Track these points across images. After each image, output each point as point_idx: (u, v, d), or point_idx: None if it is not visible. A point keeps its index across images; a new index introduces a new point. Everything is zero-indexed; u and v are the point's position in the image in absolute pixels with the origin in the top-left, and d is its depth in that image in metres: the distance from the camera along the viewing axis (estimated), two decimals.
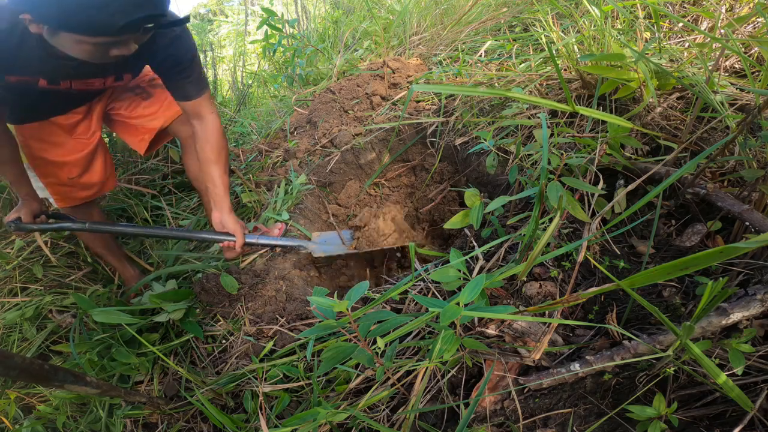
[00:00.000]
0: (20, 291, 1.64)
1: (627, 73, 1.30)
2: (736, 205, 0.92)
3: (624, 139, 1.22)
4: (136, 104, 1.58)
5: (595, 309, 1.13)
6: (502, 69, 1.69)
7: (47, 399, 1.38)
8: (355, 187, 1.91)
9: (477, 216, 1.10)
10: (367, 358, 0.89)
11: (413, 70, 2.02)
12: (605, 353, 0.99)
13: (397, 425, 0.98)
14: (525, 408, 0.99)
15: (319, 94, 2.16)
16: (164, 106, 1.58)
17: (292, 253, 1.65)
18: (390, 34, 2.33)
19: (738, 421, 0.83)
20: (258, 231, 1.68)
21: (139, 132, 1.61)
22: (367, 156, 1.91)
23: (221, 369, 1.39)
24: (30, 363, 0.78)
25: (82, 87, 1.28)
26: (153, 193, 2.04)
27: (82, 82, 1.26)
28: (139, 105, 1.58)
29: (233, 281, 1.51)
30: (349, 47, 2.39)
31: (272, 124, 2.24)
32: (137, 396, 1.15)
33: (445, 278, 1.14)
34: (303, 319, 1.40)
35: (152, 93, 1.59)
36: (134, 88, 1.59)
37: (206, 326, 1.50)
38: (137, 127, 1.60)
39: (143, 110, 1.58)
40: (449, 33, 2.11)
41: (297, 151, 2.00)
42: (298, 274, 1.58)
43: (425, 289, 1.30)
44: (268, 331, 1.40)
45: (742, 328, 0.93)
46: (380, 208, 1.73)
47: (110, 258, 1.72)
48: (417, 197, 1.88)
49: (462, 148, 1.67)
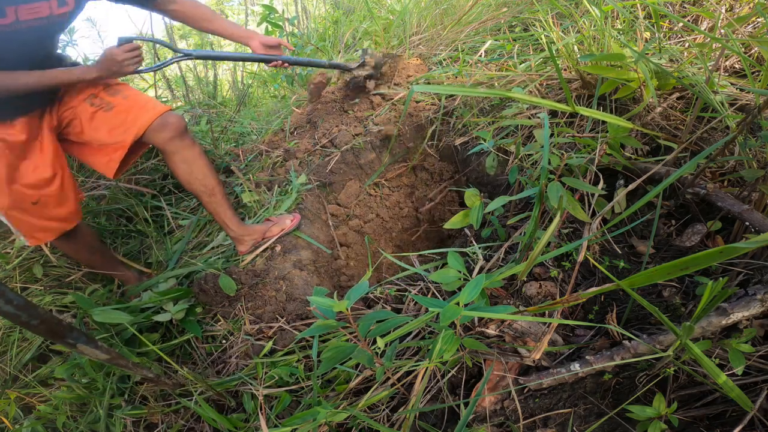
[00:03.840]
0: (20, 291, 1.64)
1: (627, 73, 1.31)
2: (736, 205, 0.92)
3: (624, 139, 1.22)
4: (97, 119, 1.36)
5: (595, 309, 1.13)
6: (502, 69, 1.69)
7: (47, 399, 1.38)
8: (355, 187, 1.91)
9: (477, 216, 1.10)
10: (367, 358, 0.89)
11: (413, 70, 2.02)
12: (605, 353, 0.99)
13: (397, 425, 0.98)
14: (525, 408, 0.99)
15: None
16: (132, 114, 1.35)
17: (292, 253, 1.65)
18: (390, 34, 2.33)
19: (738, 421, 0.83)
20: (270, 222, 1.68)
21: (105, 151, 1.39)
22: (367, 156, 1.91)
23: (221, 369, 1.39)
24: (50, 317, 0.81)
25: (28, 15, 1.12)
26: (153, 193, 2.04)
27: (27, 7, 1.11)
28: (101, 119, 1.36)
29: (231, 282, 1.51)
30: (350, 47, 2.39)
31: (272, 124, 2.24)
32: (144, 370, 1.13)
33: (445, 279, 1.14)
34: (303, 319, 1.40)
35: (113, 103, 1.37)
36: (90, 98, 1.38)
37: (206, 326, 1.50)
38: (102, 146, 1.38)
39: (106, 124, 1.36)
40: (449, 33, 2.11)
41: (297, 151, 2.00)
42: (298, 274, 1.58)
43: (425, 289, 1.30)
44: (267, 331, 1.40)
45: (742, 328, 0.93)
46: None
47: (100, 262, 1.62)
48: (417, 197, 1.88)
49: (462, 148, 1.67)
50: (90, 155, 1.44)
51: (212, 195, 1.50)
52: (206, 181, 1.47)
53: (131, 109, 1.36)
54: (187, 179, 1.46)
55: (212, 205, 1.52)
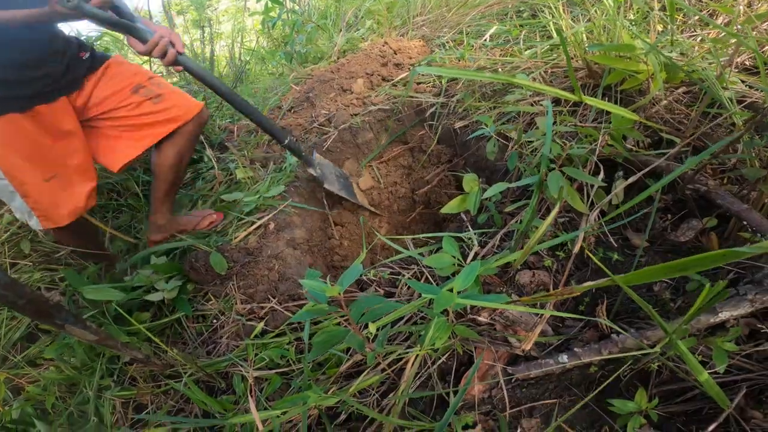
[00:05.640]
0: (9, 267, 1.61)
1: (636, 65, 1.28)
2: (736, 203, 0.92)
3: (627, 131, 1.20)
4: (143, 107, 1.41)
5: (586, 301, 1.14)
6: (507, 54, 1.65)
7: (36, 380, 1.37)
8: (352, 167, 1.88)
9: (474, 202, 1.08)
10: (358, 343, 0.89)
11: (416, 51, 1.96)
12: (593, 346, 1.00)
13: (386, 410, 0.99)
14: (512, 397, 1.00)
15: (317, 73, 2.10)
16: (180, 101, 1.44)
17: (285, 231, 1.64)
18: (393, 14, 2.26)
19: (714, 419, 0.84)
20: (194, 217, 1.70)
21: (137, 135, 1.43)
22: (365, 135, 1.87)
23: (212, 350, 1.39)
24: (38, 296, 0.81)
25: None
26: (145, 167, 1.99)
27: None
28: (147, 107, 1.41)
29: (222, 260, 1.49)
30: (352, 26, 2.31)
31: (269, 101, 2.18)
32: (134, 351, 1.14)
33: (439, 264, 1.13)
34: (295, 300, 1.39)
35: (160, 93, 1.43)
36: (137, 88, 1.41)
37: (197, 305, 1.49)
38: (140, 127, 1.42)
39: (154, 107, 1.41)
40: (454, 15, 2.04)
41: (293, 128, 1.95)
42: (291, 253, 1.57)
43: (419, 273, 1.29)
44: (259, 311, 1.39)
45: (728, 327, 0.94)
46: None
47: (94, 248, 1.60)
48: (414, 179, 1.86)
49: (462, 131, 1.64)
50: (116, 140, 1.45)
51: (174, 185, 1.55)
52: (181, 174, 1.55)
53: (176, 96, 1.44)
54: (168, 166, 1.49)
55: (164, 192, 1.53)
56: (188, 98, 1.48)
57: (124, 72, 1.43)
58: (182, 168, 1.54)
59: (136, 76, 1.44)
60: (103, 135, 1.47)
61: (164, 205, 1.57)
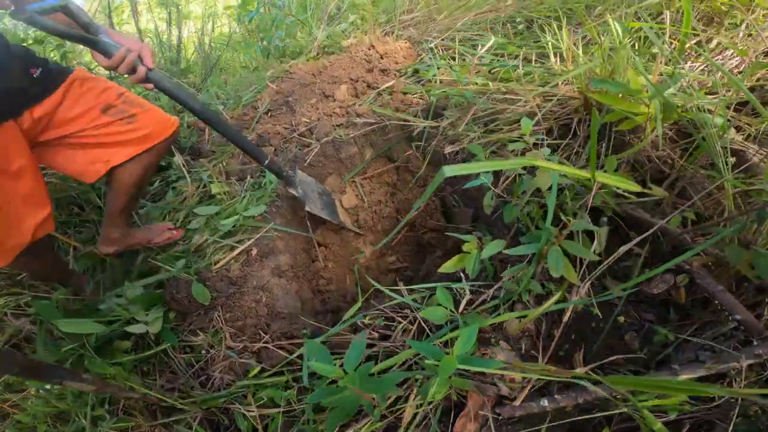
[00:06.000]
0: None
1: (637, 107, 1.27)
2: (712, 285, 1.01)
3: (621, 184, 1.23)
4: (113, 126, 1.29)
5: (565, 348, 1.24)
6: (501, 77, 1.59)
7: (25, 409, 1.32)
8: (334, 183, 1.82)
9: (474, 265, 1.11)
10: (371, 409, 0.95)
11: (402, 55, 1.84)
12: (570, 394, 1.12)
13: None
14: None
15: (298, 73, 1.93)
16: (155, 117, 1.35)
17: (269, 258, 1.60)
18: (379, 9, 2.07)
19: None
20: (150, 230, 1.62)
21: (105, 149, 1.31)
22: (349, 150, 1.80)
23: (204, 381, 1.39)
24: (30, 361, 0.86)
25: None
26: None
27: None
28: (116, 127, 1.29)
29: (205, 291, 1.45)
30: (334, 19, 2.11)
31: (242, 98, 2.00)
32: (132, 393, 1.15)
33: (434, 316, 1.18)
34: (289, 338, 1.39)
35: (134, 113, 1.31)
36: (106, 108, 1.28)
37: (182, 335, 1.46)
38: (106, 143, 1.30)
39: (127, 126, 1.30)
40: (444, 19, 1.91)
41: (272, 136, 1.83)
42: (277, 282, 1.54)
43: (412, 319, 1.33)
44: (251, 347, 1.39)
45: None
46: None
47: (57, 273, 1.51)
48: (399, 199, 1.84)
49: (451, 157, 1.62)
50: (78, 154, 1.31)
51: (135, 200, 1.47)
52: (144, 189, 1.52)
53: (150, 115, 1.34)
54: (131, 183, 1.38)
55: (122, 206, 1.44)
56: (162, 115, 1.38)
57: (92, 89, 1.27)
58: (146, 183, 1.47)
59: (104, 93, 1.29)
60: (64, 152, 1.31)
61: (121, 218, 1.48)
